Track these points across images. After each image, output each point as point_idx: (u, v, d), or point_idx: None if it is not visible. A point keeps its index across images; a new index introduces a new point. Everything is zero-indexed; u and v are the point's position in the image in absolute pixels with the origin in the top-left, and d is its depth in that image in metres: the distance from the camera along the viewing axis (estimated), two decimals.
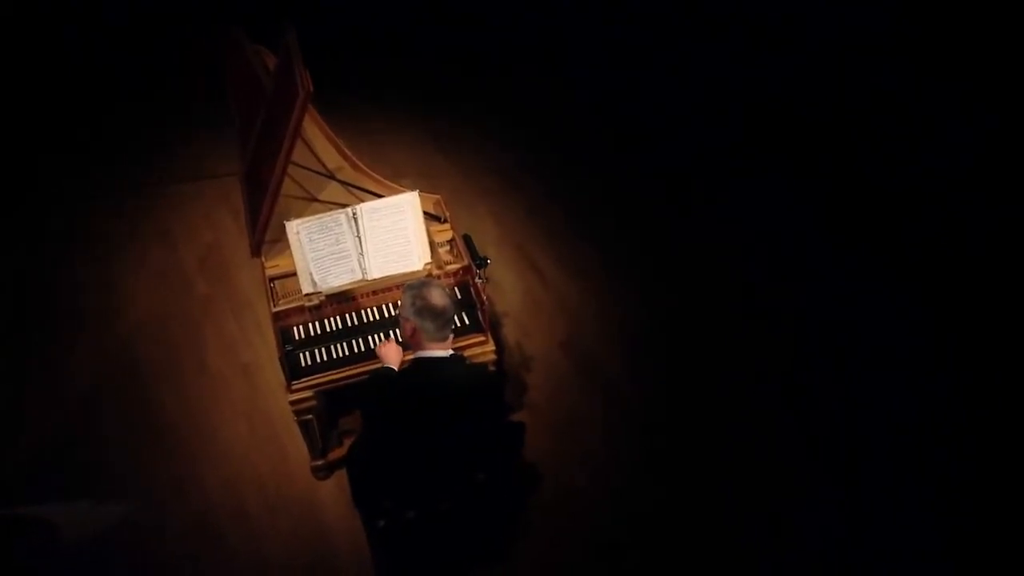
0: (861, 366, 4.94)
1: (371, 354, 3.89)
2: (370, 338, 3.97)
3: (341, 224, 3.90)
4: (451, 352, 3.46)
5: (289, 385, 3.88)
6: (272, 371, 4.83)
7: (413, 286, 3.41)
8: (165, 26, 7.38)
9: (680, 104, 6.71)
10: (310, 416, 4.02)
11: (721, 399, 4.77)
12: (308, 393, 3.90)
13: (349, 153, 4.51)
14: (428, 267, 4.03)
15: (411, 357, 3.54)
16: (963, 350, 5.01)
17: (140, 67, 7.13)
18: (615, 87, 6.87)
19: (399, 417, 3.47)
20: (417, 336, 3.39)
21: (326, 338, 3.99)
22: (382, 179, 4.41)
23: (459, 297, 4.07)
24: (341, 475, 4.36)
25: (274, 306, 3.98)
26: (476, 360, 3.97)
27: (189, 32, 6.65)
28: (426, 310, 3.33)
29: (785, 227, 5.76)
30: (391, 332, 3.97)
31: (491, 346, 4.02)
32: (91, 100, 6.84)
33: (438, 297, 3.34)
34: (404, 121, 6.53)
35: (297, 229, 3.85)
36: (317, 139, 4.62)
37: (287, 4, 5.14)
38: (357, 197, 4.40)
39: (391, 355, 3.66)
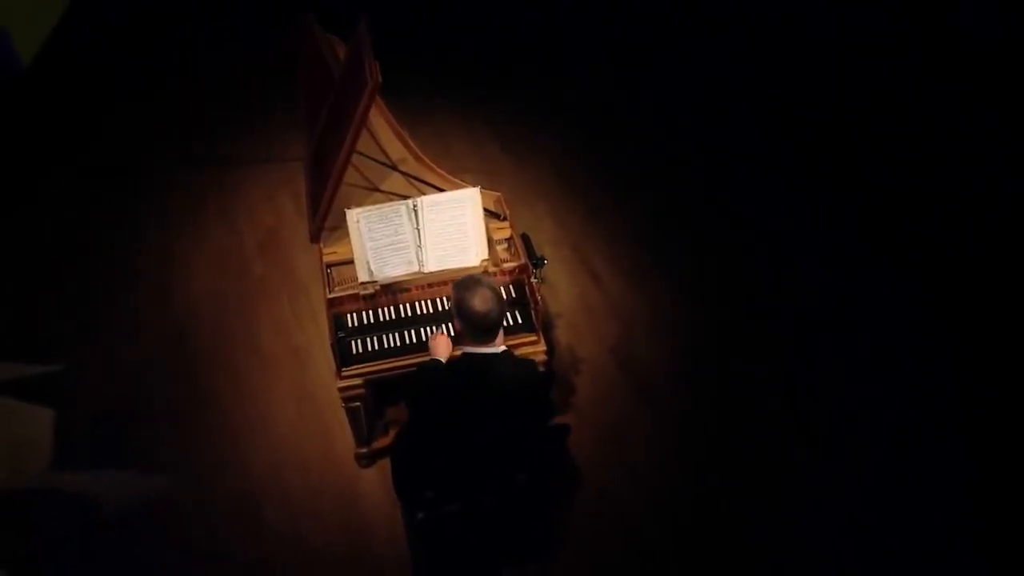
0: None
1: (422, 346, 3.90)
2: (422, 330, 3.98)
3: (401, 215, 3.92)
4: (500, 349, 3.42)
5: (339, 372, 3.91)
6: (322, 356, 4.89)
7: (459, 285, 3.35)
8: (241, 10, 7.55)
9: (742, 113, 6.65)
10: (358, 404, 4.04)
11: (764, 411, 4.72)
12: (357, 381, 3.93)
13: (413, 145, 4.52)
14: (485, 264, 4.02)
15: (459, 351, 3.53)
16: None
17: (212, 49, 7.28)
18: (681, 94, 6.81)
19: (443, 410, 3.47)
20: (463, 333, 3.39)
21: (379, 327, 4.01)
22: (444, 173, 4.41)
23: (514, 296, 4.07)
24: (384, 464, 4.40)
25: (329, 292, 4.02)
26: None
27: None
28: (462, 313, 3.29)
29: (837, 236, 5.72)
30: (443, 326, 3.97)
31: (542, 346, 4.00)
32: (161, 78, 6.99)
33: (480, 303, 3.25)
34: (470, 117, 6.54)
35: (357, 218, 3.88)
36: (382, 129, 4.64)
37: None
38: (418, 189, 4.41)
39: (440, 348, 3.63)
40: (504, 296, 3.42)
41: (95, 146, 6.38)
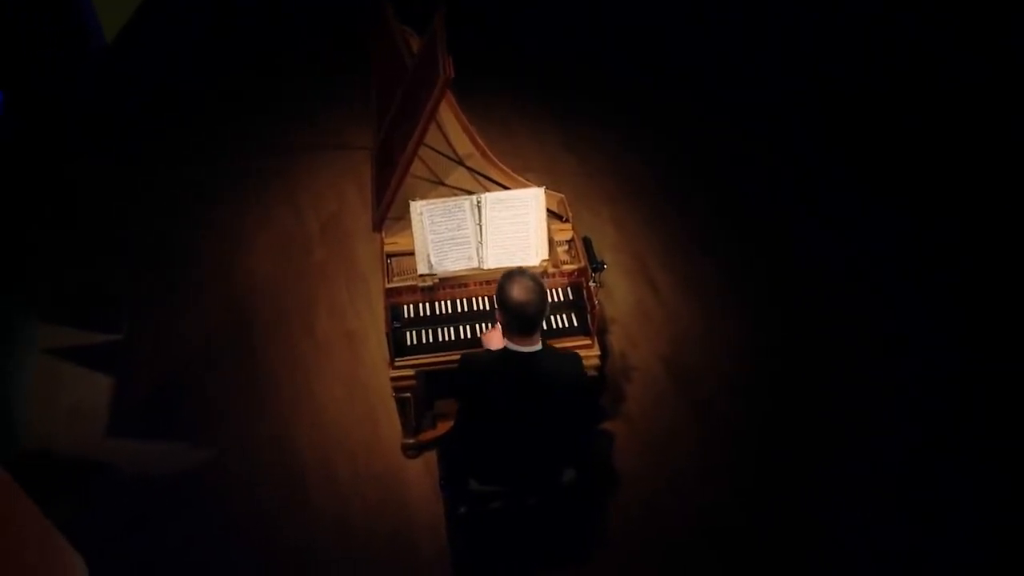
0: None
1: (477, 343, 3.90)
2: (477, 326, 3.99)
3: (464, 210, 3.93)
4: (539, 347, 3.28)
5: (392, 361, 3.93)
6: (376, 344, 4.93)
7: (504, 275, 3.25)
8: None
9: (814, 126, 6.56)
10: (408, 394, 4.06)
11: (815, 431, 4.65)
12: (409, 372, 3.95)
13: (480, 142, 4.53)
14: (544, 264, 4.02)
15: (501, 347, 3.41)
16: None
17: (287, 37, 7.40)
18: (751, 105, 6.74)
19: (484, 403, 3.43)
20: (504, 326, 3.29)
21: (434, 320, 4.03)
22: (509, 171, 4.41)
23: (571, 298, 4.06)
24: (429, 457, 4.43)
25: (388, 282, 4.04)
26: None
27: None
28: (501, 300, 3.19)
29: (902, 255, 5.62)
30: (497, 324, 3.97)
31: (596, 350, 3.98)
32: (236, 63, 7.14)
33: (518, 291, 3.14)
34: (539, 116, 6.54)
35: (421, 210, 3.90)
36: (451, 124, 4.66)
37: None
38: (483, 186, 4.43)
39: (493, 342, 3.56)
40: (547, 291, 3.28)
41: (168, 124, 6.52)
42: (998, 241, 5.72)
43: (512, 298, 3.15)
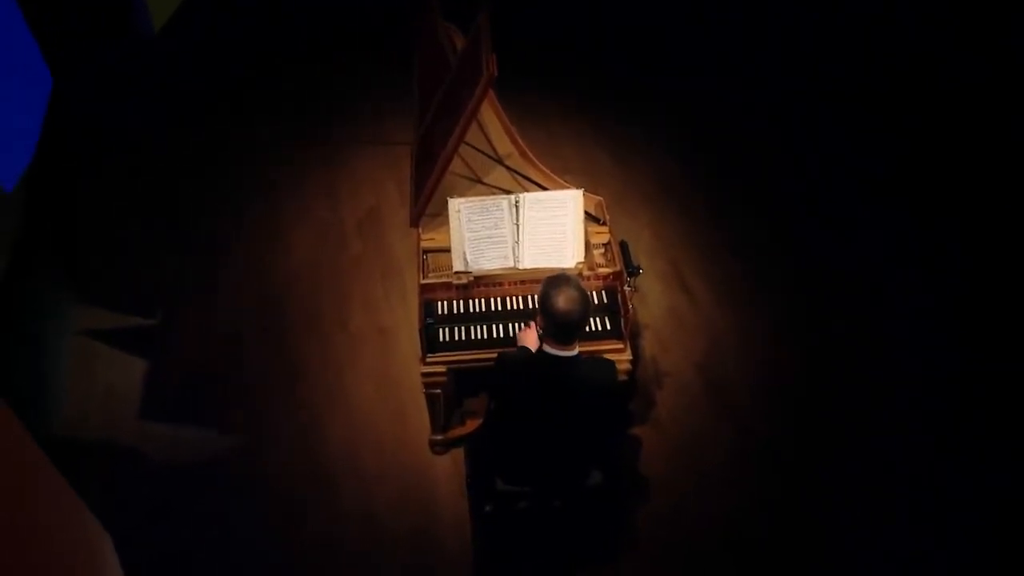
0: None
1: (509, 342, 3.90)
2: (511, 325, 3.98)
3: (502, 209, 3.92)
4: (574, 352, 3.29)
5: (424, 357, 3.94)
6: (408, 339, 4.95)
7: (548, 280, 3.26)
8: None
9: (857, 136, 6.50)
10: (438, 391, 4.07)
11: (844, 443, 4.61)
12: (441, 368, 3.95)
13: (520, 142, 4.52)
14: (580, 266, 4.00)
15: (537, 348, 3.44)
16: None
17: (330, 31, 7.45)
18: (792, 113, 6.68)
19: (519, 403, 3.44)
20: (544, 330, 3.31)
21: (468, 318, 4.03)
22: (549, 172, 4.40)
23: (605, 301, 4.04)
24: (456, 454, 4.44)
25: (423, 278, 4.05)
26: None
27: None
28: (545, 307, 3.20)
29: (942, 271, 5.55)
30: (533, 322, 3.96)
31: (628, 355, 3.96)
32: (280, 57, 7.19)
33: (563, 301, 3.15)
34: (581, 119, 6.53)
35: (459, 207, 3.90)
36: (492, 123, 4.65)
37: None
38: (522, 186, 4.42)
39: (528, 340, 3.58)
40: (591, 301, 3.30)
41: (212, 117, 6.59)
42: (998, 241, 5.70)
43: (557, 307, 3.17)
